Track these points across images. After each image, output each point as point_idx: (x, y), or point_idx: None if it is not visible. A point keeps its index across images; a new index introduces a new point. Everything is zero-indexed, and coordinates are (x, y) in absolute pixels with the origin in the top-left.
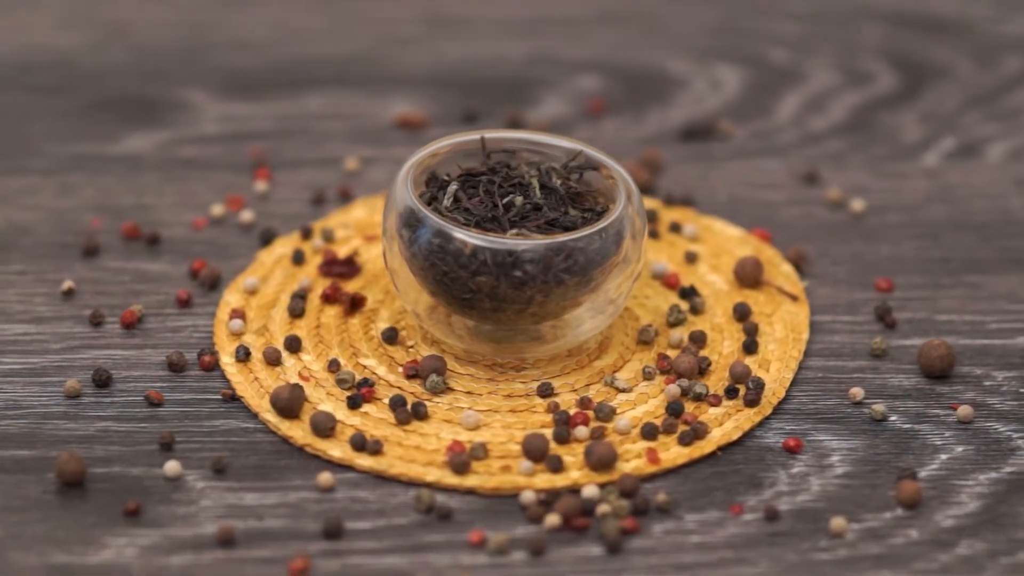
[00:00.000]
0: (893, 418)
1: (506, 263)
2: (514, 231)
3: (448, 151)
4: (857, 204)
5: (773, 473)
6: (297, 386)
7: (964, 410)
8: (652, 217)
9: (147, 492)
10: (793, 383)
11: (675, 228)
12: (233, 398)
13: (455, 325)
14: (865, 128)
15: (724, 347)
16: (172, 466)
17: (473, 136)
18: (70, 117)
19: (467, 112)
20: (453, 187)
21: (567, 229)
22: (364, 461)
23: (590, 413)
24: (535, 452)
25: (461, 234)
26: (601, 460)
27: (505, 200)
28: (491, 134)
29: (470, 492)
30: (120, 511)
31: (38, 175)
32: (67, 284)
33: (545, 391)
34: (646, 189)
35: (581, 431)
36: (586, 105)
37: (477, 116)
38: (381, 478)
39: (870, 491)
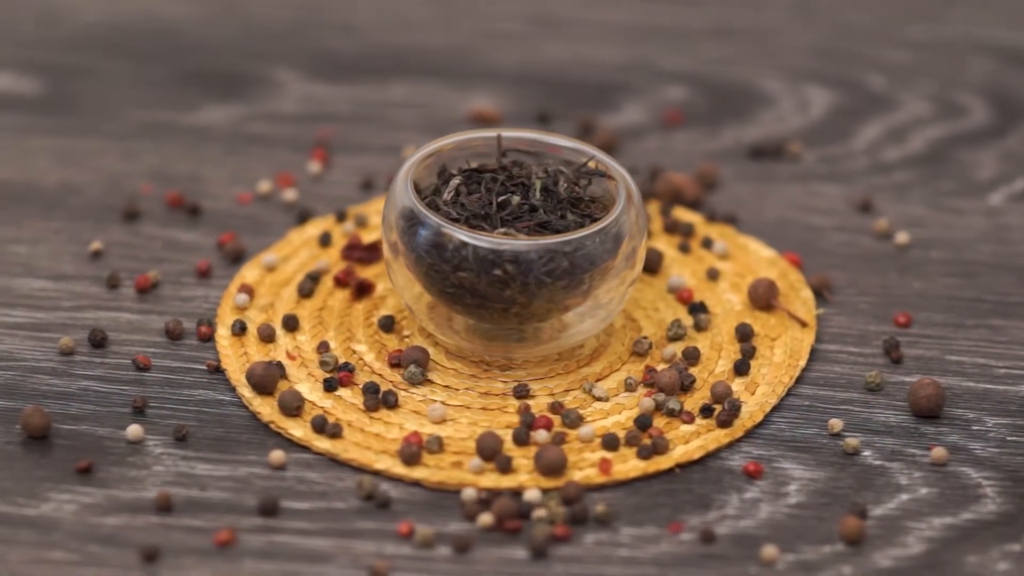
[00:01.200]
0: (866, 453)
1: (487, 261)
2: (502, 230)
3: (452, 148)
4: (902, 237)
5: (725, 496)
6: (272, 363)
7: (938, 452)
8: (688, 231)
9: (105, 452)
10: (776, 409)
11: (707, 244)
12: (217, 370)
13: (454, 321)
14: (939, 162)
15: (718, 366)
16: (134, 430)
17: (473, 136)
18: (157, 85)
19: (541, 112)
20: (455, 181)
21: (559, 233)
22: (321, 443)
23: (556, 418)
24: (487, 451)
25: (448, 229)
26: (549, 465)
27: (501, 199)
28: (509, 133)
29: (416, 484)
30: (73, 468)
31: (108, 138)
32: (95, 245)
33: (521, 392)
34: (695, 204)
35: (541, 434)
36: (664, 115)
37: (551, 117)
38: (334, 461)
39: (816, 523)
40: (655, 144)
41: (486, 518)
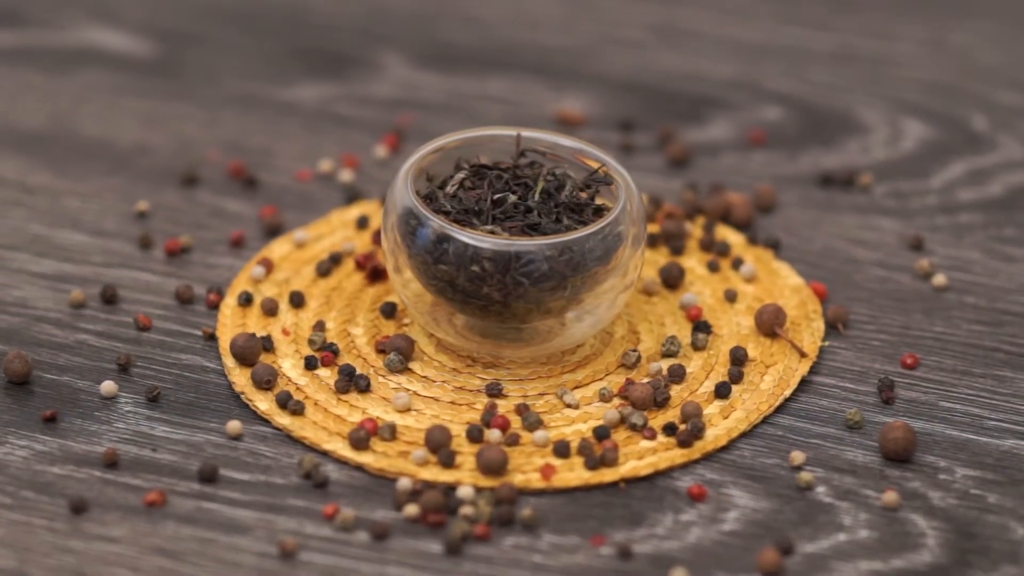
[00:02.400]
0: (820, 489)
1: (465, 256)
2: (488, 227)
3: (455, 146)
4: (940, 279)
5: (661, 515)
6: (255, 336)
7: (889, 496)
8: (723, 250)
9: (76, 404)
10: (747, 435)
11: (736, 264)
12: (211, 337)
13: (456, 316)
14: (1011, 208)
15: (702, 387)
16: (108, 386)
17: (479, 133)
18: (263, 58)
19: (624, 119)
20: (460, 175)
21: (547, 235)
22: (282, 419)
23: (514, 419)
24: (432, 443)
25: (433, 221)
26: (489, 464)
27: (497, 196)
28: (528, 133)
29: (359, 468)
30: (40, 416)
31: (197, 106)
32: (141, 205)
33: (493, 390)
34: (744, 224)
35: (493, 433)
36: (748, 134)
37: (634, 125)
38: (290, 438)
39: (740, 553)
40: (729, 162)
41: (412, 509)
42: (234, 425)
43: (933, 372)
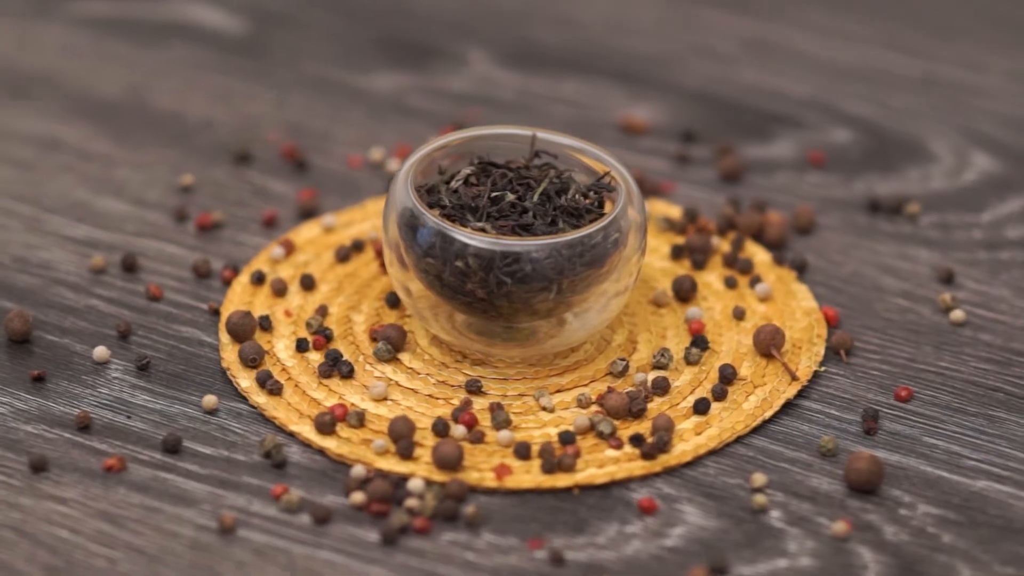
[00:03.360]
0: (774, 513)
1: (451, 251)
2: (479, 224)
3: (460, 143)
4: (958, 314)
5: (606, 525)
6: (249, 314)
7: (838, 527)
8: (746, 268)
9: (67, 367)
10: (716, 453)
11: (754, 283)
12: (215, 312)
13: (451, 313)
14: None
15: (685, 401)
16: (100, 351)
17: (478, 133)
18: (348, 44)
19: (687, 132)
20: (466, 171)
21: (535, 237)
22: (258, 397)
23: (483, 417)
24: (393, 433)
25: (426, 216)
26: (442, 459)
27: (495, 194)
28: (545, 136)
29: (320, 452)
30: (28, 375)
31: (271, 86)
32: (187, 179)
33: (472, 387)
34: (777, 244)
35: (458, 429)
36: (808, 154)
37: (695, 137)
38: (262, 417)
39: (674, 570)
40: (782, 181)
41: (358, 496)
42: (209, 399)
43: (926, 407)
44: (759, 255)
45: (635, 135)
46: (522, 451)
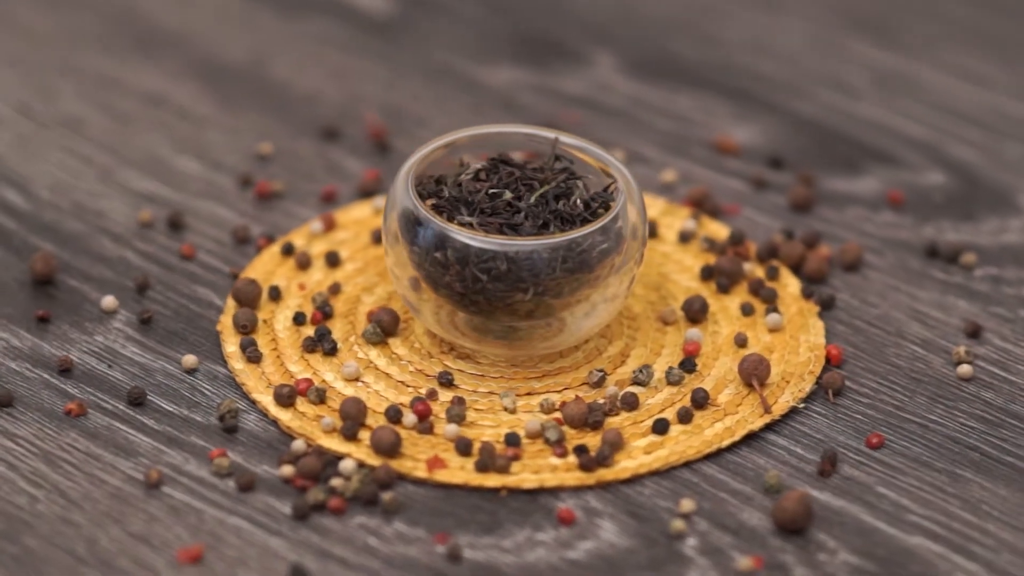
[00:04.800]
0: (691, 541)
1: (432, 243)
2: (468, 219)
3: (465, 142)
4: (965, 369)
5: (519, 529)
6: (254, 282)
7: (744, 562)
8: (771, 297)
9: (75, 311)
10: (659, 474)
11: (769, 312)
12: (235, 277)
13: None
14: None
15: (649, 419)
16: (108, 301)
17: (482, 132)
18: (482, 35)
19: (775, 157)
20: (476, 165)
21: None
22: (236, 364)
23: (439, 409)
24: (343, 413)
25: (414, 204)
26: (378, 444)
27: (492, 191)
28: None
29: (273, 423)
30: (40, 312)
31: (392, 67)
32: (265, 148)
33: (443, 379)
34: (816, 277)
35: (409, 418)
36: (887, 194)
37: (783, 163)
38: (235, 382)
39: None
40: (851, 217)
41: (287, 469)
42: (189, 359)
43: (893, 456)
44: (791, 286)
45: (725, 155)
46: (463, 447)
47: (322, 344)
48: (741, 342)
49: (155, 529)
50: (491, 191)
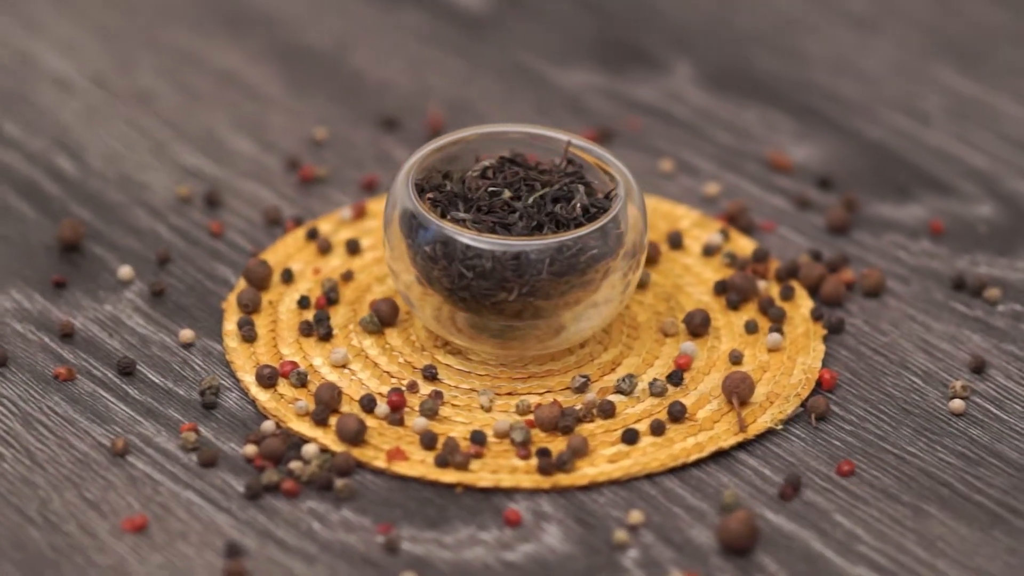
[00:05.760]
0: (632, 553)
1: (423, 237)
2: (461, 216)
3: (471, 140)
4: (957, 404)
5: (464, 527)
6: (265, 263)
7: None
8: (779, 316)
9: (92, 279)
10: (618, 483)
11: (774, 331)
12: (254, 255)
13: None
14: None
15: (622, 429)
16: (125, 271)
17: (486, 131)
18: (567, 36)
19: (823, 178)
20: (485, 163)
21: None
22: (230, 341)
23: (414, 401)
24: (316, 397)
25: (410, 199)
26: (341, 430)
27: (492, 189)
28: (578, 141)
29: (251, 402)
30: (56, 277)
31: (467, 63)
32: (320, 133)
33: (427, 373)
34: (832, 301)
35: (381, 408)
36: (930, 224)
37: (831, 184)
38: (223, 360)
39: None
40: (886, 243)
41: (250, 449)
42: (186, 333)
43: (861, 486)
44: (804, 307)
45: (777, 172)
46: (427, 441)
47: (317, 329)
48: (736, 359)
49: (109, 496)
50: (491, 189)
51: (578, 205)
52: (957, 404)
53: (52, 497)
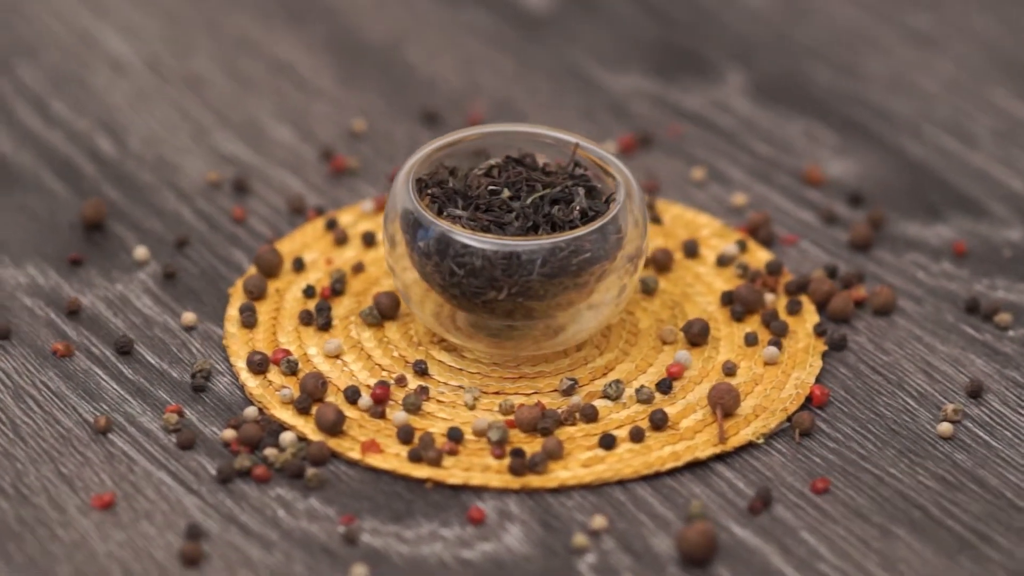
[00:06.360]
0: (589, 558)
1: (416, 232)
2: (457, 213)
3: (475, 139)
4: (945, 427)
5: (427, 522)
6: (276, 252)
7: None
8: (781, 331)
9: (109, 258)
10: (589, 488)
11: (772, 344)
12: (270, 243)
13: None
14: None
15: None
16: (140, 251)
17: (488, 130)
18: (626, 39)
19: (854, 194)
20: (491, 161)
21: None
22: (231, 326)
23: (397, 395)
24: (301, 386)
25: (409, 196)
26: (319, 420)
27: (492, 188)
28: (588, 144)
29: (241, 388)
30: (73, 255)
31: (524, 63)
32: (359, 125)
33: (417, 367)
34: (839, 317)
35: (364, 400)
36: (954, 245)
37: (862, 201)
38: (222, 344)
39: None
40: (906, 262)
41: (229, 433)
42: (188, 316)
43: (833, 504)
44: (810, 322)
45: (810, 186)
46: (404, 435)
47: (317, 319)
48: (729, 370)
49: (84, 472)
50: (491, 188)
51: (577, 208)
52: (945, 427)
53: (28, 470)
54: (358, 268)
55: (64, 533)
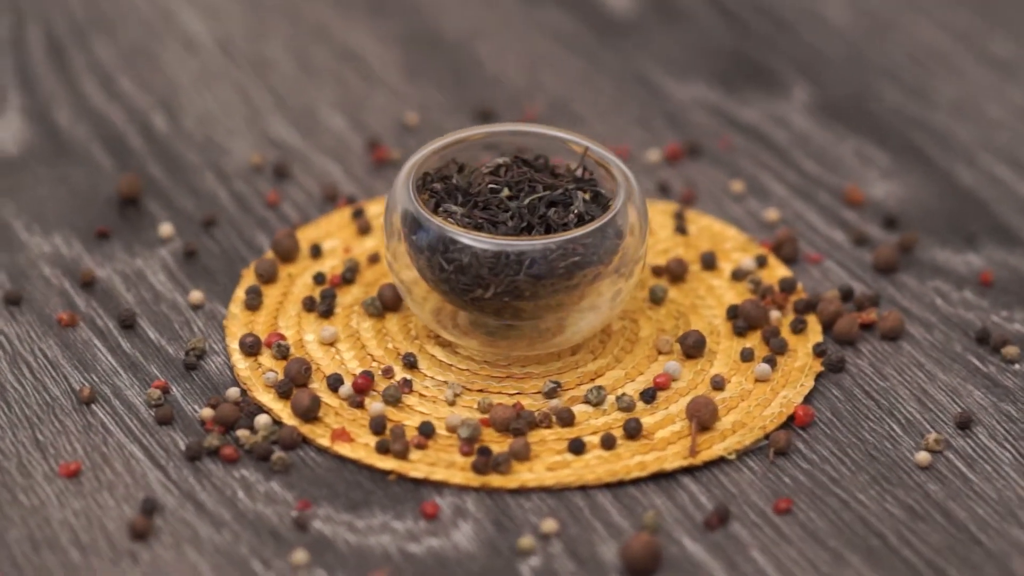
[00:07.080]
0: (532, 561)
1: (412, 226)
2: (454, 209)
3: (478, 138)
4: (923, 456)
5: (382, 513)
6: (292, 237)
7: None
8: (781, 348)
9: (136, 233)
10: (549, 491)
11: (766, 361)
12: (295, 228)
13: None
14: None
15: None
16: (166, 228)
17: (490, 130)
18: (699, 47)
19: (889, 217)
20: (499, 160)
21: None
22: (235, 308)
23: (381, 386)
24: (285, 371)
25: (408, 192)
26: (295, 406)
27: (492, 186)
28: (596, 148)
29: (231, 368)
30: (101, 228)
31: (589, 69)
32: (411, 118)
33: (406, 360)
34: (842, 339)
35: (344, 390)
36: (980, 275)
37: (896, 224)
38: (222, 324)
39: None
40: (929, 288)
41: (207, 412)
42: (195, 295)
43: (791, 526)
44: (810, 338)
45: (848, 206)
46: (376, 426)
47: (318, 306)
48: (717, 384)
49: (59, 441)
50: (491, 187)
51: (574, 211)
52: (923, 457)
53: (6, 434)
54: (374, 258)
55: (25, 498)
